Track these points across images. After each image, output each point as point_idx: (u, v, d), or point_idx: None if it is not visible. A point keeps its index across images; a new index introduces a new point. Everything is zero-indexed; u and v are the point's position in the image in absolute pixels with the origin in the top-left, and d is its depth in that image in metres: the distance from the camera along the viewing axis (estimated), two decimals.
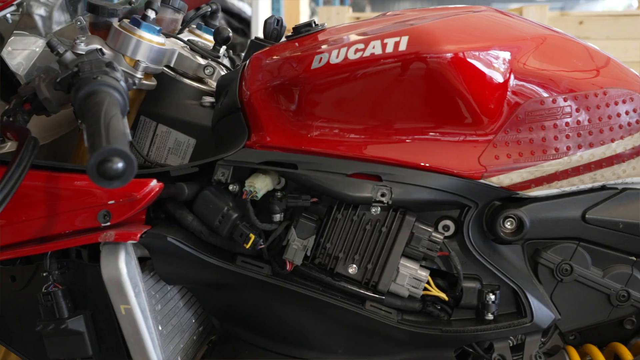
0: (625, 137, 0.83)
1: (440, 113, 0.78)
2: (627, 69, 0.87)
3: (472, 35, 0.78)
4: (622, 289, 0.85)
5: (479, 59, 0.76)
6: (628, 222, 0.84)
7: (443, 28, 0.78)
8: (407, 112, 0.79)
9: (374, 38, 0.77)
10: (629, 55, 2.40)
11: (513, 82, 0.78)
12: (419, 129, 0.79)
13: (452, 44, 0.75)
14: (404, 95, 0.78)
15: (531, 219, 0.82)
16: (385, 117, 0.79)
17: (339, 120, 0.80)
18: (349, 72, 0.77)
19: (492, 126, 0.79)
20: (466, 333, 0.82)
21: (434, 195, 0.79)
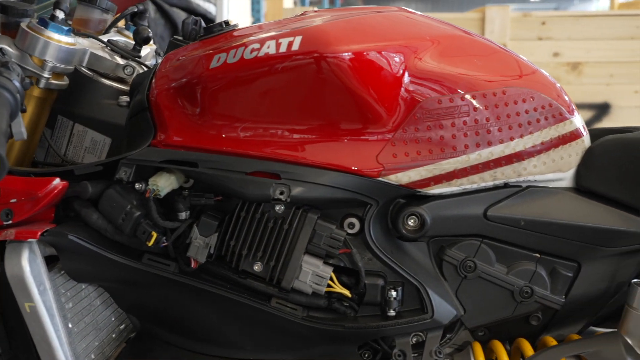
0: (525, 136, 0.84)
1: (336, 112, 0.79)
2: (532, 69, 0.88)
3: (367, 35, 0.79)
4: (525, 286, 0.86)
5: (370, 58, 0.77)
6: (530, 219, 0.85)
7: (338, 28, 0.79)
8: (304, 111, 0.80)
9: (270, 38, 0.78)
10: (591, 55, 2.42)
11: (409, 82, 0.80)
12: (317, 128, 0.80)
13: (344, 44, 0.76)
14: (299, 94, 0.79)
15: (433, 216, 0.83)
16: (283, 116, 0.80)
17: (239, 119, 0.81)
18: (245, 72, 0.78)
19: (389, 125, 0.80)
20: (368, 329, 0.83)
21: (332, 193, 0.80)
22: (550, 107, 0.85)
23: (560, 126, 0.86)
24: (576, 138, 0.87)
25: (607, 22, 2.40)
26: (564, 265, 0.87)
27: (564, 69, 2.43)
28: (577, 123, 0.88)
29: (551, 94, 0.86)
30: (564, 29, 2.42)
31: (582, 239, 0.86)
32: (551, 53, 2.42)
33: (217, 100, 0.81)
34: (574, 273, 0.87)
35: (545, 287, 0.87)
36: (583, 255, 0.87)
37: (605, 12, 2.39)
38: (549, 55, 2.43)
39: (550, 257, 0.87)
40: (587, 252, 0.87)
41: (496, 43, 0.93)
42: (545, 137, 0.85)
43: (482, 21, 2.42)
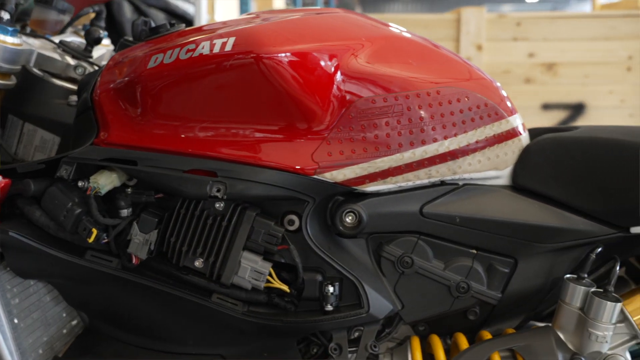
0: (460, 135, 0.86)
1: (270, 112, 0.81)
2: (469, 69, 0.90)
3: (301, 36, 0.81)
4: (462, 281, 0.88)
5: (302, 59, 0.78)
6: (465, 216, 0.86)
7: (271, 30, 0.81)
8: (239, 111, 0.82)
9: (206, 39, 0.80)
10: (566, 56, 2.44)
11: (343, 82, 0.81)
12: (253, 127, 0.82)
13: (276, 45, 0.78)
14: (233, 94, 0.81)
15: (369, 213, 0.85)
16: (219, 116, 0.82)
17: (178, 119, 0.83)
18: (180, 72, 0.80)
19: (324, 124, 0.82)
20: (305, 324, 0.85)
21: (269, 191, 0.82)
22: (485, 106, 0.87)
23: (495, 125, 0.88)
24: (513, 137, 0.89)
25: (581, 23, 2.42)
26: (500, 261, 0.89)
27: (539, 69, 2.45)
28: (514, 122, 0.90)
29: (487, 94, 0.88)
30: (539, 30, 2.44)
31: (518, 236, 0.87)
32: (526, 54, 2.44)
33: (156, 100, 0.83)
34: (511, 269, 0.89)
35: (482, 282, 0.89)
36: (519, 251, 0.89)
37: (580, 13, 2.42)
38: (525, 56, 2.45)
39: (487, 254, 0.89)
40: (523, 249, 0.88)
41: (439, 45, 0.94)
42: (480, 136, 0.87)
43: (457, 22, 2.44)
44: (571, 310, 0.84)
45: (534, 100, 2.48)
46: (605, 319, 0.81)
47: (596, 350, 0.82)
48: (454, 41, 2.46)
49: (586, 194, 0.86)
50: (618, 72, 2.44)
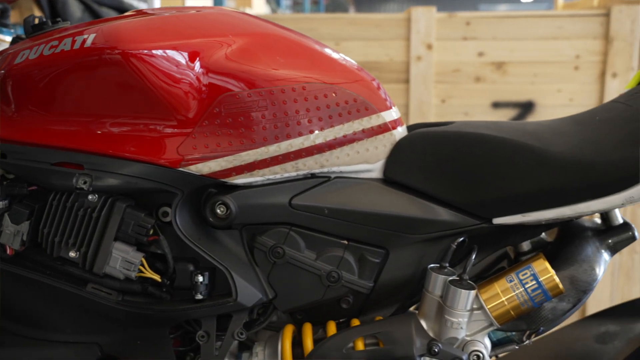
0: (326, 129, 0.88)
1: (136, 106, 0.84)
2: (342, 66, 0.92)
3: (164, 33, 0.84)
4: (333, 271, 0.91)
5: (161, 56, 0.81)
6: (333, 208, 0.89)
7: (134, 27, 0.84)
8: (105, 105, 0.84)
9: (69, 35, 0.82)
10: (515, 55, 2.47)
11: (207, 77, 0.84)
12: (120, 121, 0.85)
13: (136, 42, 0.81)
14: (97, 89, 0.83)
15: (239, 204, 0.88)
16: (86, 110, 0.85)
17: (47, 113, 0.86)
18: (44, 68, 0.83)
19: (188, 119, 0.85)
20: (175, 312, 0.88)
21: (136, 183, 0.85)
22: (355, 102, 0.90)
23: (365, 120, 0.91)
24: (384, 131, 0.92)
25: (530, 22, 2.45)
26: (371, 252, 0.92)
27: (489, 68, 2.48)
28: (386, 117, 0.93)
29: (358, 89, 0.91)
30: (489, 30, 2.47)
31: (387, 227, 0.90)
32: (476, 53, 2.47)
33: (25, 95, 0.85)
34: (382, 259, 0.92)
35: (353, 272, 0.92)
36: (390, 242, 0.92)
37: (528, 12, 2.45)
38: (474, 55, 2.48)
39: (358, 244, 0.92)
40: (393, 239, 0.91)
41: (321, 44, 0.96)
42: (348, 130, 0.90)
43: (408, 21, 2.47)
44: (433, 298, 0.87)
45: (484, 99, 2.51)
46: (460, 306, 0.85)
47: (453, 336, 0.86)
48: (405, 40, 2.49)
49: (451, 187, 0.90)
50: (566, 71, 2.46)
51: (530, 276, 0.84)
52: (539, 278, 0.84)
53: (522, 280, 0.85)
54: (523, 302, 0.85)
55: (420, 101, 2.52)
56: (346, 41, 2.51)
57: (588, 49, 2.44)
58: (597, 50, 2.44)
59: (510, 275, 0.86)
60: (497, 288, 0.86)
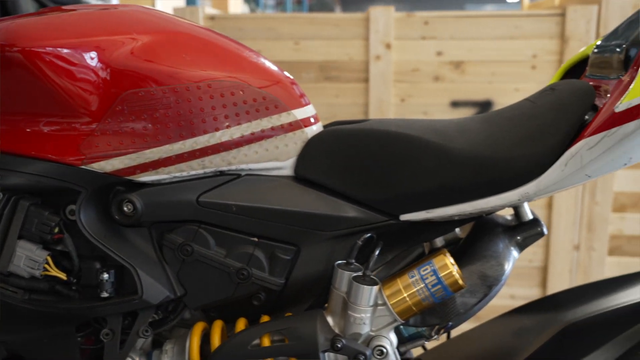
0: (233, 127, 0.89)
1: (36, 104, 0.84)
2: (254, 64, 0.93)
3: (65, 31, 0.84)
4: (242, 268, 0.91)
5: (61, 53, 0.81)
6: (242, 205, 0.90)
7: (34, 25, 0.84)
8: (6, 103, 0.84)
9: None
10: (473, 54, 2.49)
11: (108, 76, 0.84)
12: (22, 119, 0.85)
13: (34, 40, 0.81)
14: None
15: (145, 202, 0.88)
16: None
17: None
18: None
19: (90, 117, 0.85)
20: (79, 310, 0.88)
21: (39, 181, 0.85)
22: (264, 100, 0.90)
23: (275, 118, 0.91)
24: (295, 129, 0.93)
25: (487, 22, 2.47)
26: (282, 249, 0.93)
27: (447, 67, 2.50)
28: (298, 115, 0.94)
29: (268, 87, 0.91)
30: (447, 29, 2.48)
31: (297, 224, 0.91)
32: (435, 52, 2.49)
33: None
34: (293, 256, 0.93)
35: (263, 269, 0.92)
36: (301, 239, 0.92)
37: (485, 12, 2.47)
38: (433, 55, 2.50)
39: (269, 241, 0.92)
40: (304, 236, 0.92)
41: (235, 42, 0.96)
42: (256, 128, 0.90)
43: (367, 21, 2.48)
44: (339, 294, 0.88)
45: (443, 98, 2.53)
46: (362, 302, 0.85)
47: (356, 332, 0.87)
48: (364, 39, 2.50)
49: (359, 184, 0.90)
50: (523, 71, 2.49)
51: (431, 272, 0.85)
52: (439, 274, 0.85)
53: (423, 276, 0.86)
54: (424, 298, 0.86)
55: (379, 100, 2.53)
56: (306, 40, 2.52)
57: (545, 48, 2.47)
58: (554, 50, 2.47)
59: (412, 271, 0.87)
60: (399, 284, 0.87)
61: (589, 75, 0.96)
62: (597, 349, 0.93)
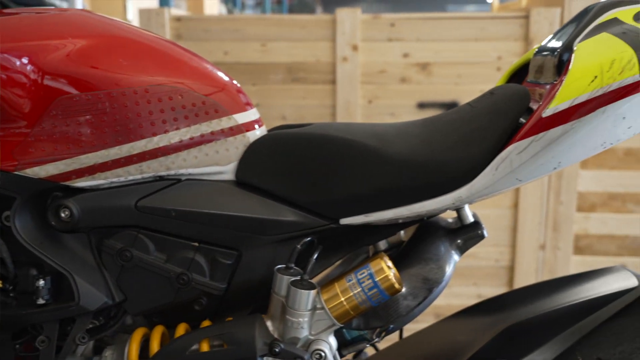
0: (171, 132, 0.89)
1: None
2: (194, 68, 0.92)
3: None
4: (182, 273, 0.91)
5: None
6: (181, 210, 0.90)
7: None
8: None
9: None
10: (439, 56, 2.51)
11: (41, 81, 0.83)
12: None
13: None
14: None
15: (82, 208, 0.87)
16: None
17: None
18: None
19: (23, 122, 0.84)
20: (15, 317, 0.87)
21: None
22: (203, 104, 0.90)
23: (214, 122, 0.91)
24: (237, 133, 0.93)
25: (453, 24, 2.49)
26: (223, 254, 0.92)
27: (414, 69, 2.52)
28: (240, 119, 0.93)
29: (208, 91, 0.91)
30: (413, 31, 2.50)
31: (238, 229, 0.91)
32: (401, 54, 2.50)
33: None
34: (235, 260, 0.93)
35: (204, 274, 0.92)
36: (242, 243, 0.92)
37: (450, 14, 2.48)
38: (399, 56, 2.51)
39: (210, 246, 0.92)
40: (245, 241, 0.92)
41: (178, 46, 0.96)
42: (194, 133, 0.90)
43: (333, 23, 2.48)
44: (278, 299, 0.88)
45: (409, 99, 2.54)
46: (299, 306, 0.86)
47: (295, 336, 0.87)
48: (331, 41, 2.50)
49: (299, 188, 0.91)
50: (489, 72, 2.51)
51: (367, 275, 0.86)
52: (375, 278, 0.85)
53: (360, 280, 0.86)
54: (361, 302, 0.86)
55: (347, 102, 2.53)
56: (273, 42, 2.52)
57: (509, 50, 2.49)
58: (518, 52, 2.49)
59: (350, 275, 0.88)
60: (337, 288, 0.87)
61: (530, 79, 0.97)
62: (538, 348, 0.95)
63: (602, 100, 0.76)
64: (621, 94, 0.76)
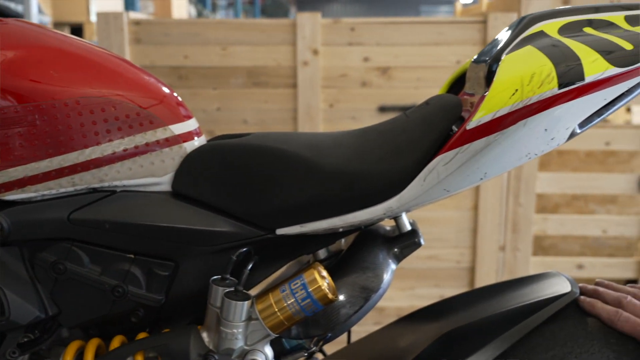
0: (103, 144, 0.88)
1: None
2: (129, 79, 0.91)
3: None
4: (118, 285, 0.91)
5: None
6: (115, 222, 0.89)
7: None
8: None
9: None
10: (399, 60, 2.53)
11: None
12: None
13: None
14: None
15: (12, 221, 0.86)
16: None
17: None
18: None
19: None
20: None
21: None
22: (137, 115, 0.90)
23: (149, 134, 0.91)
24: (173, 144, 0.92)
25: (412, 28, 2.52)
26: (160, 265, 0.92)
27: (374, 73, 2.53)
28: (177, 130, 0.93)
29: (144, 102, 0.91)
30: (373, 35, 2.52)
31: (174, 240, 0.91)
32: (362, 58, 2.52)
33: None
34: (172, 272, 0.93)
35: (140, 286, 0.92)
36: (178, 254, 0.92)
37: (409, 19, 2.51)
38: (360, 60, 2.52)
39: (146, 257, 0.92)
40: (182, 252, 0.92)
41: (112, 56, 0.95)
42: (128, 144, 0.89)
43: (294, 27, 2.49)
44: (214, 310, 0.88)
45: (370, 103, 2.56)
46: (234, 317, 0.86)
47: (229, 347, 0.87)
48: (291, 45, 2.50)
49: (235, 199, 0.91)
50: (448, 76, 2.54)
51: (301, 286, 0.86)
52: (308, 288, 0.86)
53: (293, 290, 0.86)
54: (295, 312, 0.87)
55: (308, 106, 2.54)
56: (233, 46, 2.51)
57: (468, 54, 2.53)
58: None
59: (284, 286, 0.88)
60: (271, 299, 0.88)
61: (465, 89, 0.99)
62: (474, 353, 0.96)
63: (522, 113, 0.78)
64: (541, 107, 0.78)
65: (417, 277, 2.70)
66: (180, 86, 2.53)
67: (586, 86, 0.78)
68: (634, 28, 0.84)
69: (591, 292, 0.99)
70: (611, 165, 3.72)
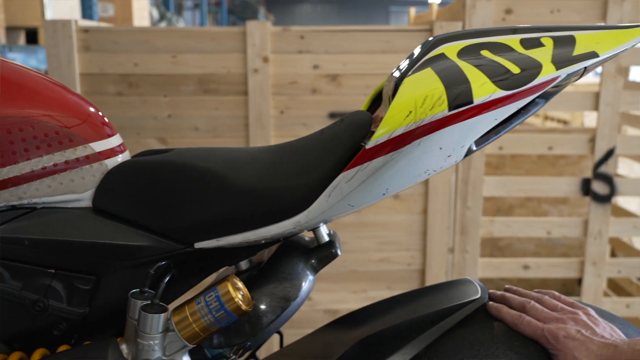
0: (21, 162, 0.90)
1: None
2: (49, 98, 0.94)
3: None
4: (38, 299, 0.93)
5: None
6: (34, 239, 0.91)
7: None
8: None
9: None
10: (348, 68, 2.58)
11: None
12: None
13: None
14: None
15: None
16: None
17: None
18: None
19: None
20: None
21: None
22: (56, 134, 0.92)
23: (69, 151, 0.93)
24: (93, 162, 0.95)
25: (360, 37, 2.57)
26: (81, 279, 0.94)
27: (324, 80, 2.58)
28: (97, 147, 0.96)
29: (63, 121, 0.93)
30: (322, 43, 2.56)
31: (93, 255, 0.93)
32: (311, 66, 2.56)
33: None
34: (93, 286, 0.95)
35: (62, 300, 0.94)
36: (99, 268, 0.95)
37: (357, 27, 2.56)
38: (310, 68, 2.56)
39: (67, 272, 0.94)
40: (102, 266, 0.94)
41: (31, 73, 0.97)
42: (47, 163, 0.92)
43: (243, 35, 2.52)
44: (132, 322, 0.91)
45: (320, 110, 2.61)
46: (150, 329, 0.89)
47: (146, 358, 0.90)
48: (241, 53, 2.53)
49: (153, 214, 0.94)
50: None
51: (215, 298, 0.90)
52: (222, 300, 0.89)
53: (208, 303, 0.90)
54: (210, 324, 0.90)
55: (259, 113, 2.57)
56: (183, 54, 2.53)
57: None
58: None
59: (199, 298, 0.91)
60: (187, 311, 0.91)
61: (382, 105, 1.04)
62: (389, 357, 1.01)
63: (415, 134, 0.82)
64: (433, 127, 0.83)
65: (370, 280, 2.76)
66: (131, 94, 2.54)
67: (475, 108, 0.83)
68: (527, 51, 0.90)
69: (499, 297, 1.05)
70: (562, 167, 3.84)
